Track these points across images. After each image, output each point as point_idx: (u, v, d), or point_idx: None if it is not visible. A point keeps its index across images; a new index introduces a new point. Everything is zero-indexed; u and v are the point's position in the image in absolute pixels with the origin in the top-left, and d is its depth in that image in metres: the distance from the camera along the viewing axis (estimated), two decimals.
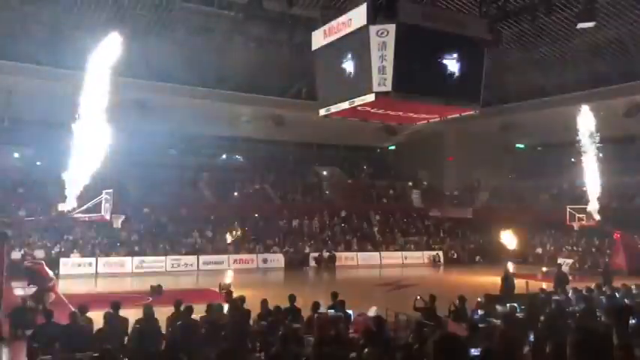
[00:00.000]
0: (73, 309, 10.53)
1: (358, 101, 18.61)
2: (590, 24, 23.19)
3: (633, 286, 13.25)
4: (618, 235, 29.53)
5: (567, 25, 28.60)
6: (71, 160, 17.95)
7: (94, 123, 17.49)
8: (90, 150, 17.24)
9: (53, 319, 9.15)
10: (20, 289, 17.22)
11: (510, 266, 19.85)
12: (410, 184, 45.10)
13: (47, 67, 30.79)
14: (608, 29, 25.66)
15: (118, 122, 36.32)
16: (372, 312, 11.29)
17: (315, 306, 10.44)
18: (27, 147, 35.60)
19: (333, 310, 10.69)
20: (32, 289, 16.10)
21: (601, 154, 38.47)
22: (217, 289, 20.89)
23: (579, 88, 29.14)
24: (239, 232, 31.78)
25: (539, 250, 34.55)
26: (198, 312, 10.14)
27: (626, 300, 11.90)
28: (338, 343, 7.19)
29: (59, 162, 20.18)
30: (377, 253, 35.30)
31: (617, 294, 12.43)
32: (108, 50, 17.13)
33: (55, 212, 30.10)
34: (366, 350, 6.02)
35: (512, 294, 14.99)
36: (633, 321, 9.06)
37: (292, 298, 11.19)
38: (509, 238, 26.80)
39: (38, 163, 34.45)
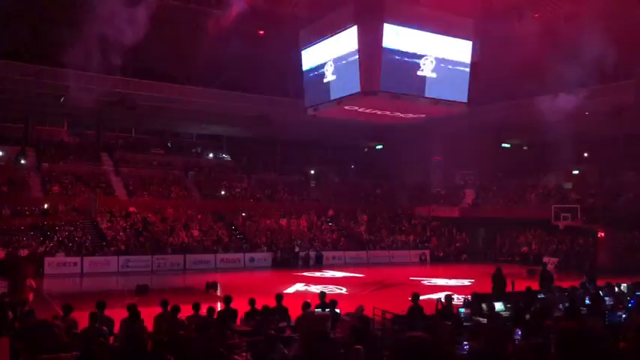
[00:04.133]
0: (57, 308, 10.44)
1: (346, 100, 18.72)
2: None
3: (626, 285, 13.40)
4: (603, 234, 29.86)
5: (553, 25, 28.89)
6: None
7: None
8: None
9: (35, 319, 9.05)
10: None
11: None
12: (397, 183, 45.29)
13: (33, 65, 30.56)
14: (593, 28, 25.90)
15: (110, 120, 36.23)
16: (359, 311, 11.31)
17: (305, 305, 10.45)
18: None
19: (320, 310, 10.70)
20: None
21: (586, 154, 39.12)
22: (204, 289, 20.87)
23: (564, 88, 29.34)
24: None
25: (525, 249, 34.83)
26: (185, 311, 10.11)
27: (607, 298, 12.05)
28: (325, 341, 7.19)
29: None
30: (364, 252, 35.39)
31: (600, 292, 12.56)
32: None
33: (40, 211, 29.96)
34: (353, 348, 6.03)
35: (502, 293, 15.08)
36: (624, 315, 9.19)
37: (280, 298, 11.19)
38: None
39: (23, 162, 34.10)
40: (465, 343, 7.11)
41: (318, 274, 28.12)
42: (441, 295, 12.27)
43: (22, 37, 31.52)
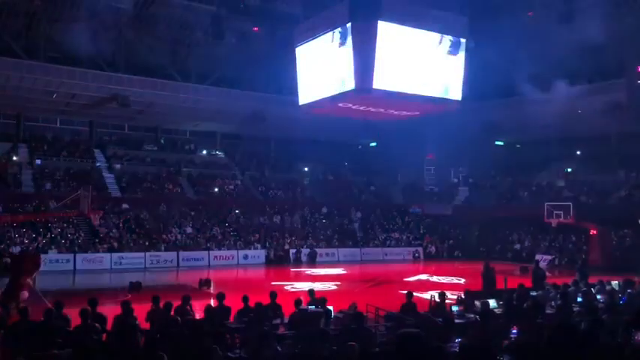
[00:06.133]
0: (50, 305, 10.40)
1: (340, 97, 18.69)
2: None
3: (617, 283, 13.47)
4: (595, 232, 30.02)
5: (546, 24, 29.00)
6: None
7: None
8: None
9: (28, 316, 9.00)
10: None
11: None
12: (390, 180, 45.38)
13: (25, 61, 30.40)
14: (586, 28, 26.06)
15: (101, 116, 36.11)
16: (352, 308, 11.32)
17: (297, 303, 10.45)
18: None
19: (313, 307, 10.71)
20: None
21: (578, 152, 39.32)
22: (198, 286, 20.85)
23: (558, 86, 29.51)
24: None
25: (518, 247, 34.98)
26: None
27: (599, 296, 12.12)
28: (318, 339, 7.20)
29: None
30: (357, 249, 35.45)
31: (592, 289, 12.64)
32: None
33: (33, 208, 29.81)
34: (347, 345, 6.05)
35: (492, 289, 15.13)
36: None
37: (273, 295, 11.18)
38: None
39: (15, 158, 33.89)
40: (457, 339, 7.14)
41: (311, 271, 28.14)
42: (434, 293, 12.32)
43: (14, 32, 31.32)
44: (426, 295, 13.93)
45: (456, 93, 19.10)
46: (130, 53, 33.91)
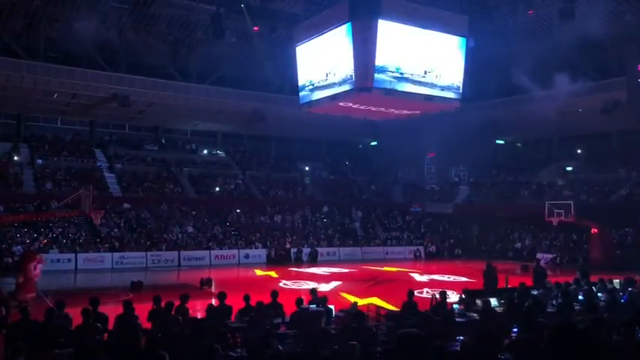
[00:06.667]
0: (51, 305, 10.41)
1: (340, 96, 18.68)
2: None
3: (618, 281, 13.47)
4: (596, 230, 30.01)
5: (546, 22, 28.99)
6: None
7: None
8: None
9: (29, 316, 9.02)
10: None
11: None
12: (391, 179, 45.37)
13: (25, 61, 30.42)
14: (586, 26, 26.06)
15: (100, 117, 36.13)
16: (353, 307, 11.34)
17: (298, 302, 10.46)
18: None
19: (314, 306, 10.72)
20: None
21: (579, 151, 39.31)
22: (199, 285, 20.87)
23: (558, 85, 29.50)
24: None
25: (519, 245, 34.96)
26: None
27: (600, 294, 12.11)
28: (319, 338, 7.21)
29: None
30: (358, 248, 35.44)
31: (593, 288, 12.63)
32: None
33: (35, 207, 29.82)
34: (347, 344, 6.05)
35: (494, 288, 15.12)
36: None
37: (275, 294, 11.19)
38: None
39: (16, 158, 33.91)
40: (459, 338, 7.15)
41: (312, 270, 28.13)
42: (436, 292, 12.33)
43: (14, 32, 31.33)
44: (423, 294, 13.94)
45: (456, 92, 19.08)
46: (131, 53, 33.91)
